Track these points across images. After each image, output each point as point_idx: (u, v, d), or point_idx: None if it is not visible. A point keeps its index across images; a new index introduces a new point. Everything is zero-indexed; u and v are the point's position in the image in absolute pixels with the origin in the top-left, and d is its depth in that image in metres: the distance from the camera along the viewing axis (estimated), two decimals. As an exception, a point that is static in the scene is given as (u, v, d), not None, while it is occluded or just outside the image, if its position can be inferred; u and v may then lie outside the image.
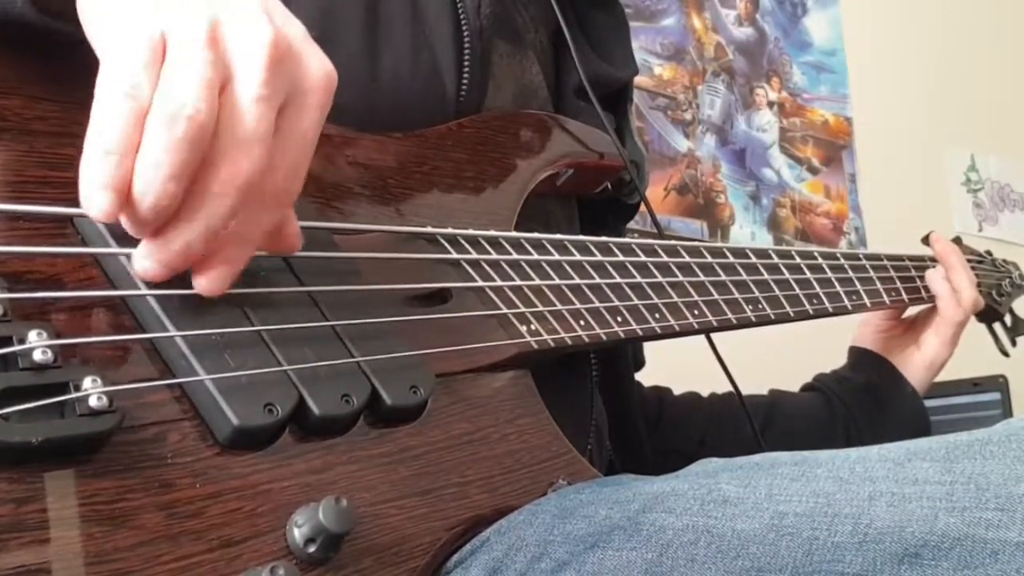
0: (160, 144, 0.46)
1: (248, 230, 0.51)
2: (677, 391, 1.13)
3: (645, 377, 1.04)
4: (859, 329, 1.21)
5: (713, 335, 0.92)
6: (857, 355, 1.19)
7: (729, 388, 1.10)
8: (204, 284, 0.51)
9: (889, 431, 1.10)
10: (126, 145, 0.46)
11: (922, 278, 1.18)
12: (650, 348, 0.87)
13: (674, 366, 1.12)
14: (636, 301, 0.77)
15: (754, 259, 0.92)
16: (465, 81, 0.79)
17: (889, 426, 1.11)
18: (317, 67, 0.51)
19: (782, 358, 1.27)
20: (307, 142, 0.51)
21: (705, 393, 1.13)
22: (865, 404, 1.12)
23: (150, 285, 0.51)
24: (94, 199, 0.46)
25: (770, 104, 2.22)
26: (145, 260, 0.50)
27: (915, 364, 1.15)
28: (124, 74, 0.46)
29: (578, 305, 0.73)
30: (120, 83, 0.46)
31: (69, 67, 0.54)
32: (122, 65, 0.47)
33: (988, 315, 1.36)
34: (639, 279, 0.79)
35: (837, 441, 1.08)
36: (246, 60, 0.48)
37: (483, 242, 0.71)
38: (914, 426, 1.11)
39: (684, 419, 1.07)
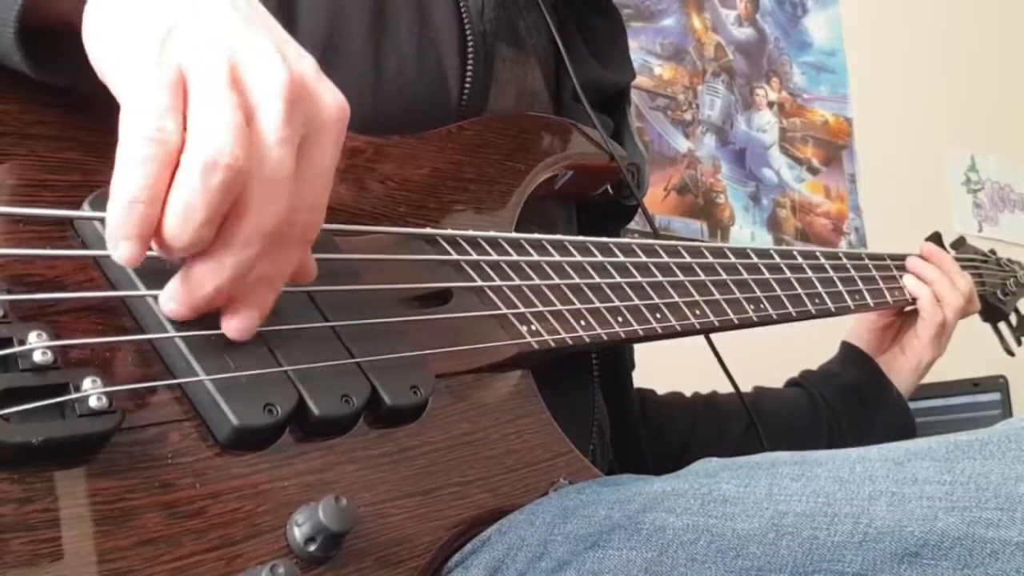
0: (196, 191, 0.46)
1: (276, 270, 0.51)
2: (675, 391, 1.13)
3: (643, 377, 1.04)
4: (854, 323, 1.21)
5: (713, 335, 0.92)
6: (846, 352, 1.19)
7: (715, 387, 1.10)
8: (234, 328, 0.51)
9: (873, 434, 1.09)
10: (153, 193, 0.46)
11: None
12: (648, 348, 0.87)
13: (672, 366, 1.12)
14: (637, 301, 0.77)
15: (756, 259, 0.92)
16: (468, 84, 0.79)
17: (873, 429, 1.11)
18: (331, 102, 0.51)
19: (783, 357, 1.27)
20: (326, 177, 0.51)
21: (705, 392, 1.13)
22: (849, 405, 1.12)
23: (151, 286, 0.51)
24: (119, 248, 0.46)
25: (770, 104, 2.22)
26: (171, 302, 0.50)
27: (901, 367, 1.15)
28: (150, 117, 0.46)
29: (578, 305, 0.73)
30: (146, 128, 0.46)
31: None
32: (146, 108, 0.46)
33: (993, 314, 1.36)
34: (640, 279, 0.79)
35: (819, 442, 1.08)
36: (265, 101, 0.48)
37: (483, 243, 0.71)
38: (899, 430, 1.10)
39: (667, 421, 1.07)
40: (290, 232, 0.50)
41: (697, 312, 0.81)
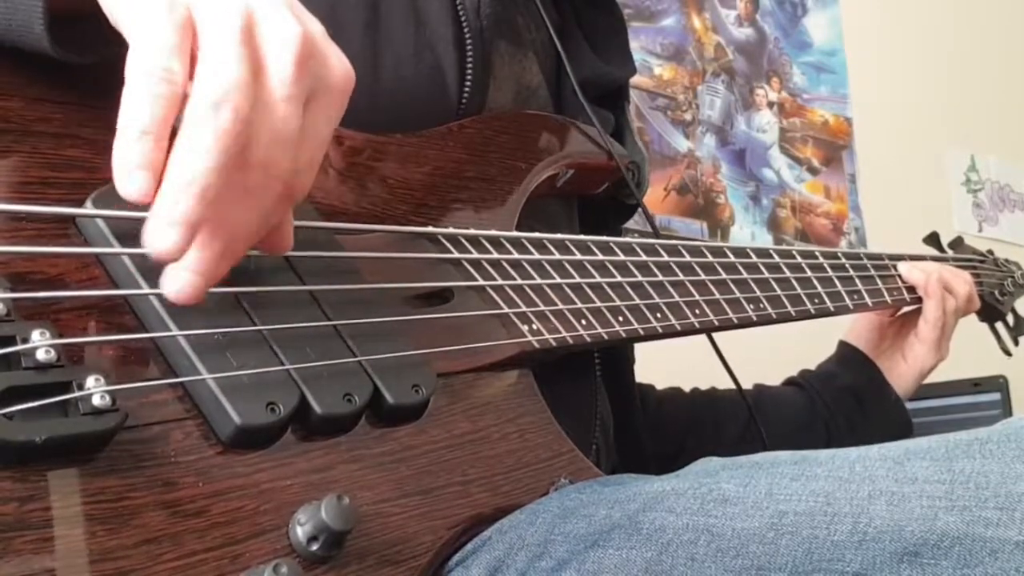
0: (206, 131, 0.45)
1: (258, 222, 0.50)
2: (674, 386, 1.13)
3: (642, 373, 1.04)
4: (853, 323, 1.21)
5: (714, 334, 0.92)
6: (845, 353, 1.18)
7: (714, 383, 1.10)
8: (178, 285, 0.48)
9: (871, 436, 1.09)
10: (162, 127, 0.45)
11: None
12: (648, 344, 0.87)
13: (672, 363, 1.12)
14: (637, 300, 0.77)
15: (755, 258, 0.92)
16: (468, 82, 0.79)
17: (871, 432, 1.10)
18: (338, 66, 0.51)
19: (782, 356, 1.27)
20: (323, 140, 0.51)
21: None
22: (848, 407, 1.12)
23: (154, 284, 0.51)
24: (132, 179, 0.45)
25: (770, 104, 2.22)
26: (185, 272, 0.48)
27: (902, 371, 1.15)
28: (156, 58, 0.46)
29: (579, 304, 0.73)
30: (153, 67, 0.45)
31: (71, 69, 0.55)
32: (153, 48, 0.46)
33: (990, 315, 1.36)
34: (640, 278, 0.79)
35: (818, 442, 1.08)
36: (277, 57, 0.48)
37: (484, 241, 0.71)
38: (897, 433, 1.10)
39: (666, 417, 1.06)
40: (273, 187, 0.49)
41: (697, 311, 0.82)
